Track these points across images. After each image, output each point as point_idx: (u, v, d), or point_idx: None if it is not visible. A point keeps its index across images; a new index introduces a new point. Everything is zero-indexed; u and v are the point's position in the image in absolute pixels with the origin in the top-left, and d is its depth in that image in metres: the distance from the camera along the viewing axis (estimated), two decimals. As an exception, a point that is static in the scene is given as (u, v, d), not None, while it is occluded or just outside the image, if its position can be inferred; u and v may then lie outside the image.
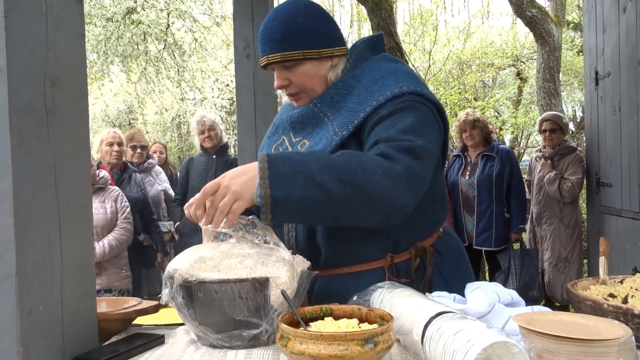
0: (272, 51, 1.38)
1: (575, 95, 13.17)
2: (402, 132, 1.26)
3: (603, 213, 3.89)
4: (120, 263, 3.55)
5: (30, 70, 0.96)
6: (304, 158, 1.17)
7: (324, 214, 1.17)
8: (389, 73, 1.39)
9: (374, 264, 1.39)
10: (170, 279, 1.12)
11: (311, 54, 1.39)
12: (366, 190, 1.15)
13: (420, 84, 1.39)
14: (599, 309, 1.07)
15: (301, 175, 1.12)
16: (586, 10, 4.24)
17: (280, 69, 1.42)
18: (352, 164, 1.17)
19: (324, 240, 1.39)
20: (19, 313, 0.91)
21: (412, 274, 1.40)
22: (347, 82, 1.42)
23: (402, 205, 1.21)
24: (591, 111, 4.10)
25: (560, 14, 6.79)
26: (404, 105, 1.31)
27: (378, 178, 1.16)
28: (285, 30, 1.38)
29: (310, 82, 1.43)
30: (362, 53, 1.48)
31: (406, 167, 1.20)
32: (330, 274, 1.40)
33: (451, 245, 1.52)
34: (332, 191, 1.13)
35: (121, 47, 7.92)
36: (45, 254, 0.98)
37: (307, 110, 1.44)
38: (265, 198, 1.11)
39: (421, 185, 1.26)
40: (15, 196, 0.92)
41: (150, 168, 4.78)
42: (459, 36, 12.37)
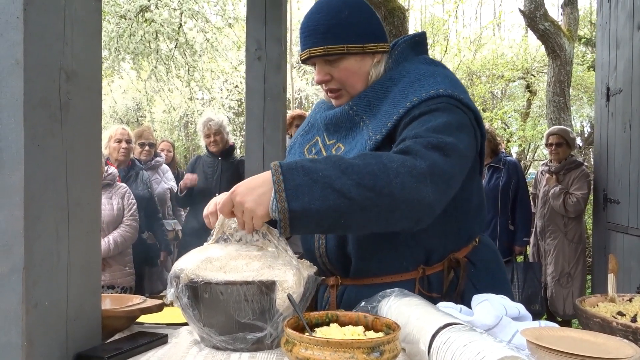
0: (315, 44, 1.34)
1: (584, 110, 13.15)
2: (432, 131, 1.20)
3: (609, 230, 3.86)
4: (124, 260, 3.56)
5: (46, 64, 0.96)
6: (320, 165, 1.10)
7: (347, 222, 1.10)
8: (427, 75, 1.34)
9: (405, 275, 1.34)
10: (176, 279, 1.12)
11: (355, 48, 1.34)
12: (390, 192, 1.08)
13: (460, 89, 1.33)
14: (608, 327, 1.06)
15: (319, 184, 1.06)
16: (600, 26, 4.23)
17: (322, 63, 1.37)
18: (373, 166, 1.10)
19: (355, 249, 1.34)
20: (24, 307, 0.91)
21: (445, 288, 1.34)
22: (384, 85, 1.37)
23: (429, 206, 1.13)
24: (601, 127, 4.08)
25: (572, 28, 6.78)
26: (438, 107, 1.26)
27: (402, 178, 1.09)
28: (329, 23, 1.33)
29: (352, 78, 1.38)
30: (402, 53, 1.42)
31: (431, 164, 1.13)
32: (360, 283, 1.37)
33: (487, 256, 1.45)
34: (354, 197, 1.06)
35: (133, 44, 7.96)
36: (53, 248, 0.98)
37: (343, 112, 1.39)
38: (283, 212, 1.06)
39: (449, 184, 1.19)
40: (26, 189, 0.91)
41: (158, 166, 4.80)
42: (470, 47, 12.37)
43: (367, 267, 1.36)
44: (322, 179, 1.07)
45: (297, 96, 12.75)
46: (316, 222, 1.09)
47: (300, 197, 1.05)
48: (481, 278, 1.39)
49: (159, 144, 5.58)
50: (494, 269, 1.46)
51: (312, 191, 1.06)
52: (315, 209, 1.06)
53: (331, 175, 1.07)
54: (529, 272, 4.26)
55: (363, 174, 1.08)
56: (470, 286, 1.36)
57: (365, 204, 1.08)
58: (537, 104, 12.25)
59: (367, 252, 1.34)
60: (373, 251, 1.34)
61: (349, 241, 1.35)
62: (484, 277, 1.40)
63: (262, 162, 2.91)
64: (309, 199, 1.05)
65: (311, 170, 1.08)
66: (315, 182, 1.07)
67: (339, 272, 1.41)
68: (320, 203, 1.06)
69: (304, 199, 1.05)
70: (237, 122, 12.47)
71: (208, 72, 10.04)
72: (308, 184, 1.06)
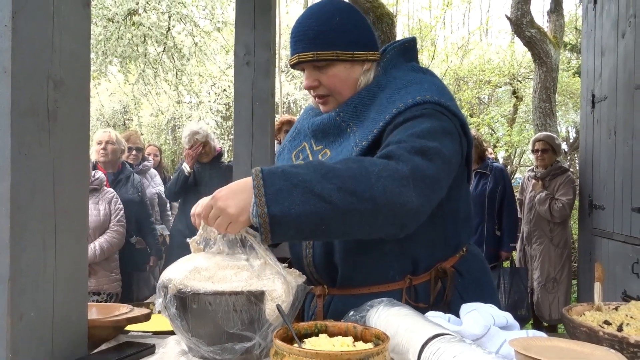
0: (305, 49, 1.33)
1: (569, 115, 13.31)
2: (416, 136, 1.20)
3: (594, 235, 3.90)
4: (110, 266, 3.52)
5: (34, 72, 0.95)
6: (301, 170, 1.09)
7: (328, 227, 1.08)
8: (414, 82, 1.33)
9: (392, 285, 1.33)
10: (164, 289, 1.11)
11: (345, 55, 1.33)
12: (371, 196, 1.06)
13: (447, 96, 1.32)
14: (594, 336, 1.06)
15: (299, 189, 1.05)
16: (585, 33, 4.29)
17: (311, 68, 1.37)
18: (354, 170, 1.09)
19: (341, 259, 1.34)
20: (9, 318, 0.89)
21: (431, 299, 1.33)
22: (371, 91, 1.36)
23: (413, 210, 1.12)
24: (586, 133, 4.13)
25: (558, 35, 6.86)
26: (423, 112, 1.25)
27: (384, 182, 1.08)
28: (319, 29, 1.32)
29: (341, 85, 1.37)
30: (391, 60, 1.42)
31: (414, 168, 1.13)
32: (347, 293, 1.36)
33: (475, 266, 1.44)
34: (335, 202, 1.05)
35: (121, 47, 7.91)
36: (39, 258, 0.97)
37: (330, 119, 1.39)
38: (262, 217, 1.04)
39: (433, 188, 1.17)
40: (13, 199, 0.90)
41: (146, 170, 4.76)
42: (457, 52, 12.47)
43: (354, 276, 1.35)
44: (303, 183, 1.06)
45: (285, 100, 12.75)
46: (296, 228, 1.07)
47: (280, 201, 1.04)
48: (468, 288, 1.39)
49: (145, 148, 5.54)
50: (482, 279, 1.45)
51: (292, 195, 1.04)
52: (296, 214, 1.04)
53: (312, 180, 1.06)
54: (515, 277, 4.30)
55: (344, 178, 1.07)
56: (457, 296, 1.36)
57: (347, 209, 1.06)
58: (524, 109, 12.38)
59: (354, 262, 1.34)
60: (360, 261, 1.34)
61: (336, 251, 1.35)
62: (472, 288, 1.39)
63: (250, 167, 2.90)
64: (289, 203, 1.04)
65: (291, 174, 1.07)
66: (295, 186, 1.05)
67: (326, 281, 1.41)
68: (300, 207, 1.04)
69: (284, 204, 1.04)
70: (225, 125, 12.43)
71: (196, 76, 10.01)
72: (288, 189, 1.05)
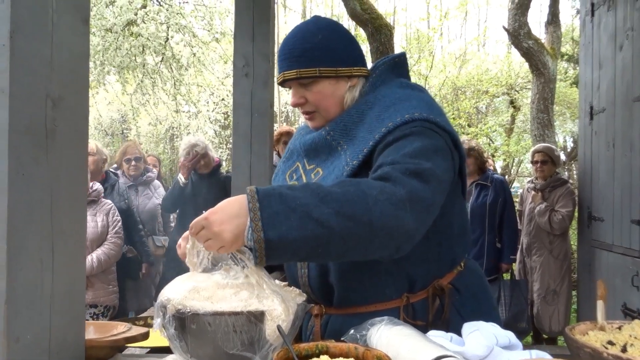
0: (289, 68, 1.36)
1: (567, 125, 13.35)
2: (409, 156, 1.20)
3: (594, 247, 3.89)
4: (107, 278, 3.50)
5: (32, 91, 0.95)
6: (299, 193, 1.07)
7: (325, 251, 1.07)
8: (402, 99, 1.33)
9: (389, 304, 1.33)
10: (162, 309, 1.10)
11: (328, 72, 1.35)
12: (369, 220, 1.06)
13: (436, 112, 1.32)
14: (598, 357, 1.05)
15: (297, 213, 1.03)
16: (583, 45, 4.30)
17: (296, 86, 1.39)
18: (351, 194, 1.08)
19: (337, 279, 1.33)
20: (6, 342, 0.88)
21: (429, 317, 1.32)
22: (360, 109, 1.37)
23: (409, 233, 1.12)
24: (585, 145, 4.13)
25: (556, 46, 6.89)
26: (412, 131, 1.25)
27: (381, 206, 1.07)
28: (303, 47, 1.35)
29: (326, 101, 1.38)
30: (380, 76, 1.42)
31: (410, 191, 1.12)
32: (344, 313, 1.35)
33: (473, 282, 1.44)
34: (332, 227, 1.04)
35: (119, 58, 7.91)
36: (36, 279, 0.95)
37: (320, 138, 1.39)
38: (259, 242, 1.02)
39: (429, 210, 1.18)
40: (10, 220, 0.89)
41: (150, 181, 4.71)
42: (455, 63, 12.51)
43: (350, 296, 1.35)
44: (300, 207, 1.04)
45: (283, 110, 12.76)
46: (293, 252, 1.06)
47: (278, 225, 1.02)
48: (466, 305, 1.38)
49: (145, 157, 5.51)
50: (480, 294, 1.44)
51: (290, 220, 1.03)
52: (293, 238, 1.03)
53: (309, 204, 1.04)
54: (515, 289, 4.27)
55: (342, 202, 1.06)
56: (455, 313, 1.35)
57: (344, 233, 1.05)
58: (521, 118, 12.42)
59: (350, 281, 1.33)
60: (355, 280, 1.33)
61: (331, 271, 1.34)
62: (470, 304, 1.38)
63: (249, 179, 2.89)
64: (287, 228, 1.02)
65: (289, 197, 1.05)
66: (293, 210, 1.03)
67: (322, 301, 1.40)
68: (297, 232, 1.03)
69: (281, 228, 1.02)
70: (224, 135, 12.43)
71: (194, 86, 10.02)
72: (285, 212, 1.03)
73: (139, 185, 4.57)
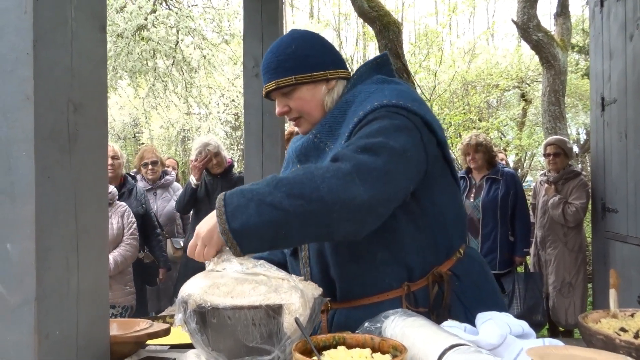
0: (269, 80, 1.46)
1: (579, 117, 13.23)
2: (365, 137, 1.26)
3: (608, 239, 3.88)
4: (124, 279, 3.55)
5: (55, 98, 0.98)
6: (256, 186, 1.18)
7: (287, 232, 1.16)
8: (376, 91, 1.39)
9: (391, 294, 1.37)
10: (184, 304, 1.13)
11: (303, 78, 1.44)
12: (319, 197, 1.13)
13: (407, 98, 1.36)
14: (611, 344, 1.07)
15: (253, 202, 1.14)
16: (593, 37, 4.28)
17: (279, 96, 1.47)
18: (301, 176, 1.17)
19: (337, 274, 1.39)
20: (37, 337, 0.92)
21: (431, 302, 1.37)
22: (342, 109, 1.43)
23: (366, 205, 1.16)
24: (597, 136, 4.12)
25: (565, 38, 6.85)
26: (376, 116, 1.31)
27: (328, 182, 1.14)
28: (278, 59, 1.44)
29: (307, 106, 1.46)
30: (361, 77, 1.49)
31: (357, 164, 1.18)
32: (348, 306, 1.40)
33: (473, 269, 1.47)
34: (286, 208, 1.13)
35: (130, 62, 8.00)
36: (63, 278, 0.99)
37: (309, 141, 1.46)
38: (225, 233, 1.14)
39: (383, 180, 1.20)
40: (37, 221, 0.93)
41: (168, 184, 4.74)
42: (464, 57, 12.46)
43: (352, 289, 1.40)
44: (256, 196, 1.15)
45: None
46: (259, 237, 1.15)
47: (239, 216, 1.13)
48: (467, 291, 1.41)
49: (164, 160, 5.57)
50: (481, 281, 1.48)
51: (248, 209, 1.14)
52: (254, 225, 1.13)
53: (263, 192, 1.15)
54: (529, 282, 4.27)
55: (291, 185, 1.15)
56: (455, 300, 1.39)
57: (298, 212, 1.13)
58: (533, 111, 12.33)
59: (349, 274, 1.39)
60: (354, 272, 1.38)
61: (330, 266, 1.40)
62: (470, 290, 1.42)
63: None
64: (246, 216, 1.13)
65: (247, 191, 1.17)
66: (250, 200, 1.14)
67: (327, 296, 1.43)
68: (256, 219, 1.13)
69: (242, 218, 1.13)
70: (235, 136, 12.50)
71: (205, 88, 10.09)
72: (245, 204, 1.14)
73: (158, 189, 4.61)
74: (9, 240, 0.93)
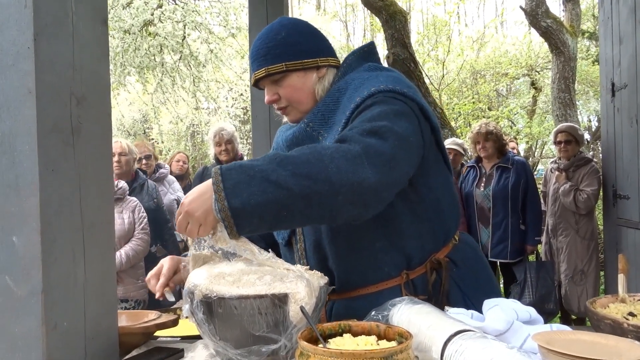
0: (258, 67, 1.42)
1: (590, 104, 13.09)
2: (367, 120, 1.23)
3: (620, 225, 3.84)
4: (136, 273, 3.58)
5: (57, 91, 0.99)
6: (257, 162, 1.11)
7: (289, 213, 1.09)
8: (371, 78, 1.37)
9: (390, 282, 1.37)
10: (190, 294, 1.14)
11: (294, 65, 1.40)
12: (326, 177, 1.08)
13: (403, 84, 1.35)
14: (619, 328, 1.06)
15: (256, 179, 1.07)
16: (602, 21, 4.23)
17: (268, 84, 1.44)
18: (307, 155, 1.11)
19: (335, 263, 1.38)
20: (44, 329, 0.93)
21: (429, 289, 1.37)
22: (334, 97, 1.41)
23: (372, 188, 1.12)
24: (607, 122, 4.07)
25: (575, 24, 6.77)
26: (375, 101, 1.29)
27: (337, 162, 1.10)
28: (267, 46, 1.41)
29: (297, 94, 1.43)
30: (350, 65, 1.47)
31: (366, 146, 1.14)
32: (347, 297, 1.39)
33: (469, 255, 1.48)
34: (291, 187, 1.07)
35: (138, 58, 8.03)
36: (69, 270, 1.00)
37: (301, 130, 1.43)
38: (224, 211, 1.06)
39: (390, 165, 1.17)
40: (42, 214, 0.94)
41: (163, 178, 4.77)
42: (473, 46, 12.36)
43: (350, 279, 1.38)
44: (259, 173, 1.08)
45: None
46: (259, 217, 1.08)
47: (239, 193, 1.06)
48: (464, 277, 1.42)
49: (174, 155, 5.58)
50: (477, 267, 1.48)
51: (250, 186, 1.06)
52: (255, 203, 1.06)
53: (267, 169, 1.08)
54: (541, 271, 4.24)
55: (297, 163, 1.09)
56: (454, 286, 1.39)
57: (304, 192, 1.08)
58: (543, 99, 12.22)
59: (349, 265, 1.37)
60: (353, 262, 1.37)
61: (329, 256, 1.38)
62: (467, 276, 1.42)
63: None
64: (248, 194, 1.06)
65: (248, 167, 1.09)
66: (252, 177, 1.07)
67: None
68: (258, 197, 1.06)
69: (242, 195, 1.06)
70: (244, 130, 12.52)
71: (213, 82, 10.11)
72: (246, 181, 1.07)
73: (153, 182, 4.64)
74: (14, 233, 0.94)
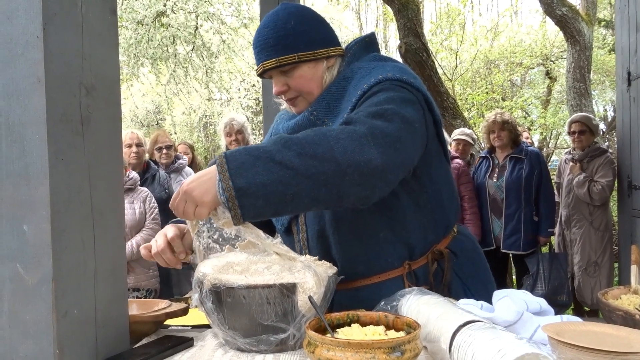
0: (268, 57, 1.38)
1: (606, 94, 12.90)
2: (374, 105, 1.22)
3: (635, 217, 3.79)
4: (148, 263, 3.60)
5: (66, 80, 0.99)
6: (262, 145, 1.11)
7: (296, 194, 1.06)
8: (377, 67, 1.37)
9: (392, 273, 1.38)
10: (199, 284, 1.15)
11: (306, 56, 1.38)
12: (332, 157, 1.07)
13: (409, 75, 1.36)
14: (631, 320, 1.05)
15: (261, 160, 1.06)
16: (618, 9, 4.15)
17: (277, 74, 1.41)
18: (312, 136, 1.10)
19: (339, 254, 1.38)
20: (55, 316, 0.94)
21: (431, 279, 1.38)
22: (340, 85, 1.40)
23: (379, 169, 1.11)
24: (623, 112, 4.01)
25: (591, 12, 6.66)
26: (382, 88, 1.28)
27: (343, 143, 1.08)
28: (278, 35, 1.37)
29: (308, 84, 1.41)
30: (355, 54, 1.46)
31: (371, 127, 1.13)
32: (350, 287, 1.39)
33: (467, 246, 1.50)
34: (296, 167, 1.05)
35: (151, 49, 8.06)
36: (79, 258, 1.01)
37: (304, 119, 1.42)
38: (228, 190, 1.04)
39: (396, 146, 1.16)
40: (52, 202, 0.95)
41: (181, 168, 4.79)
42: (487, 35, 12.22)
43: (354, 269, 1.38)
44: (264, 154, 1.06)
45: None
46: (264, 198, 1.05)
47: (244, 173, 1.04)
48: (464, 267, 1.44)
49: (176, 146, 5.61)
50: (475, 257, 1.50)
51: (255, 167, 1.05)
52: (261, 183, 1.04)
53: (272, 150, 1.07)
54: (554, 263, 4.21)
55: (303, 144, 1.08)
56: (454, 276, 1.40)
57: (310, 172, 1.06)
58: (558, 89, 12.06)
59: (352, 255, 1.37)
60: (356, 252, 1.37)
61: (332, 246, 1.38)
62: (467, 267, 1.44)
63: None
64: (253, 174, 1.04)
65: (253, 149, 1.09)
66: (257, 158, 1.06)
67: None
68: (264, 177, 1.04)
69: (247, 175, 1.04)
70: (256, 121, 12.54)
71: (225, 73, 10.12)
72: (251, 161, 1.06)
73: (172, 173, 4.66)
74: (25, 222, 0.94)
